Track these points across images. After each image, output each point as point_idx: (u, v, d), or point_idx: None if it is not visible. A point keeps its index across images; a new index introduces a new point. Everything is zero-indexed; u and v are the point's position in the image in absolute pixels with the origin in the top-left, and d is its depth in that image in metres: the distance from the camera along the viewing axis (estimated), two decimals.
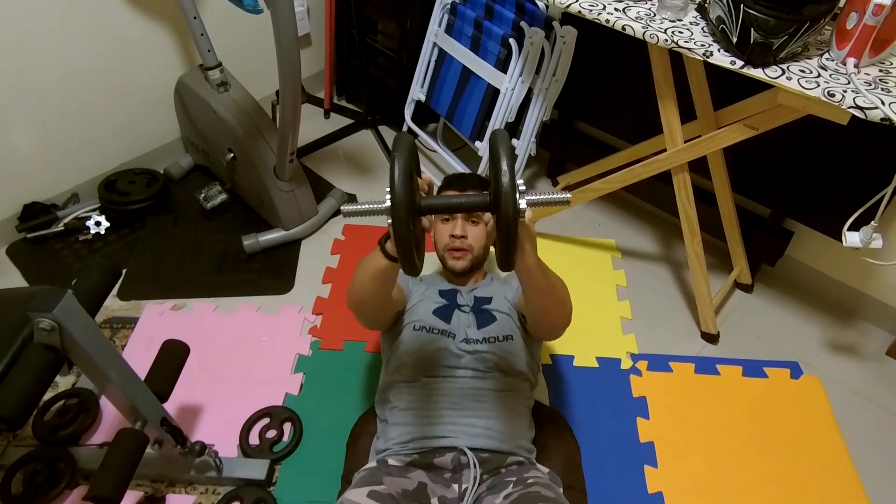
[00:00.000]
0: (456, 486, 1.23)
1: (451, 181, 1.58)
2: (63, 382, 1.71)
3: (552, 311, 1.19)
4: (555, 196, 0.92)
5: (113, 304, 1.95)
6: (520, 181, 0.86)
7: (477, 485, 1.20)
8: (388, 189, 0.86)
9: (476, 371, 1.33)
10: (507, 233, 0.87)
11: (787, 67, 1.33)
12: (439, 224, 1.50)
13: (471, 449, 1.24)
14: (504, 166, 0.85)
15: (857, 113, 1.22)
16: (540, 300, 1.15)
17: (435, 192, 1.40)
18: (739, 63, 1.35)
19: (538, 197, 0.91)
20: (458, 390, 1.31)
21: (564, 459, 1.51)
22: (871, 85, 1.27)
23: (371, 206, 0.93)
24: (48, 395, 1.65)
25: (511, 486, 1.17)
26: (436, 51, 2.32)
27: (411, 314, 1.40)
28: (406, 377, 1.36)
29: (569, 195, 0.93)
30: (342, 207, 0.95)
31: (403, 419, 1.32)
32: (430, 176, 0.98)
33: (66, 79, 2.05)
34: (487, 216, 0.97)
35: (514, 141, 2.19)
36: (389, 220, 0.88)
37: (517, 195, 0.85)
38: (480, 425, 1.28)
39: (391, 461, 1.26)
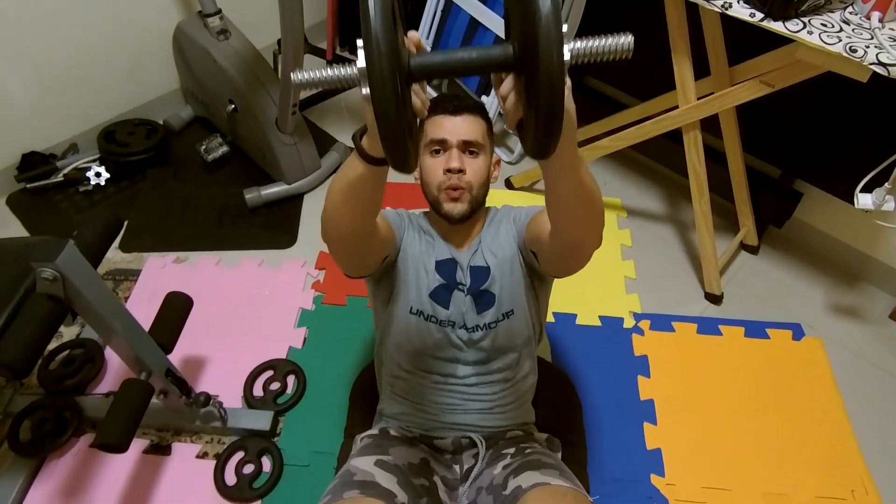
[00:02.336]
0: (457, 468, 1.21)
1: (441, 104, 1.15)
2: (68, 333, 1.72)
3: (585, 226, 0.90)
4: (612, 41, 0.63)
5: (115, 256, 1.95)
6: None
7: (483, 465, 1.18)
8: (361, 43, 0.60)
9: (476, 364, 1.21)
10: (552, 96, 0.56)
11: (809, 21, 1.29)
12: (428, 158, 1.16)
13: (472, 431, 1.22)
14: None
15: (879, 69, 1.18)
16: (573, 212, 0.87)
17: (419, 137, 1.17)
18: (759, 15, 1.31)
19: (588, 44, 0.62)
20: (457, 389, 1.22)
21: (565, 415, 1.53)
22: (895, 41, 1.23)
23: (336, 71, 0.66)
24: (53, 345, 1.66)
25: (509, 457, 1.15)
26: (442, 1, 2.25)
27: (406, 290, 1.18)
28: (401, 366, 1.24)
29: (630, 37, 0.64)
30: (292, 75, 0.68)
31: (401, 404, 1.27)
32: (418, 35, 0.71)
33: (62, 25, 1.99)
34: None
35: None
36: (365, 90, 0.62)
37: (562, 40, 0.55)
38: (480, 419, 1.23)
39: (393, 432, 1.24)
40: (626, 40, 0.62)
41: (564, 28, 0.56)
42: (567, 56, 0.57)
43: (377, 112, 0.61)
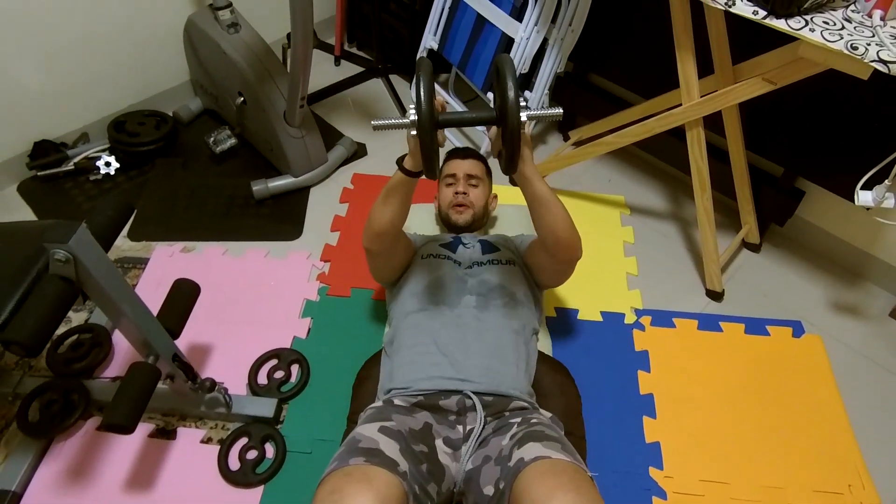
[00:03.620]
0: (461, 427, 1.26)
1: (455, 153, 1.74)
2: (76, 318, 1.75)
3: (559, 229, 1.26)
4: (549, 112, 1.11)
5: (123, 245, 1.97)
6: (521, 99, 1.04)
7: (482, 426, 1.23)
8: (413, 105, 1.04)
9: (480, 297, 1.40)
10: (512, 140, 1.06)
11: (811, 19, 1.30)
12: (443, 187, 1.69)
13: (475, 393, 1.27)
14: (510, 84, 1.03)
15: (880, 67, 1.20)
16: (544, 214, 1.25)
17: (440, 165, 1.66)
18: (762, 13, 1.32)
19: (536, 112, 1.11)
20: (462, 323, 1.35)
21: (565, 407, 1.54)
22: None
23: (398, 120, 1.09)
24: (62, 330, 1.68)
25: (515, 426, 1.20)
26: None
27: (419, 252, 1.52)
28: (413, 307, 1.41)
29: (560, 110, 1.11)
30: (372, 122, 1.11)
31: (409, 358, 1.35)
32: (443, 99, 1.20)
33: (75, 15, 2.02)
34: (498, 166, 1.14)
35: (526, 93, 2.16)
36: (414, 132, 1.06)
37: (520, 109, 1.03)
38: (483, 366, 1.30)
39: (397, 401, 1.29)
40: (557, 111, 1.11)
41: (522, 99, 1.05)
42: (524, 118, 1.05)
43: (422, 144, 1.07)
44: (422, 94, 1.03)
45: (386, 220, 1.30)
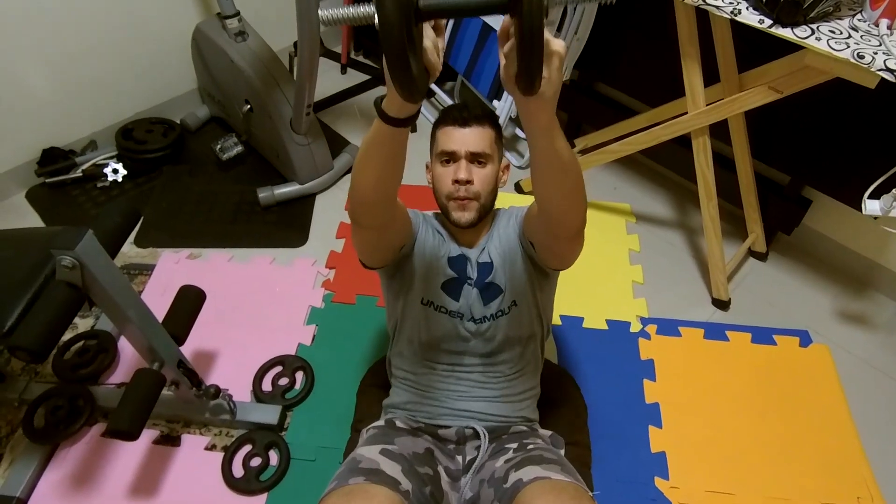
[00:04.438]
0: (459, 458, 1.23)
1: (450, 114, 1.22)
2: (82, 324, 1.76)
3: (564, 200, 0.95)
4: None
5: (130, 251, 1.98)
6: None
7: (486, 457, 1.20)
8: None
9: (483, 357, 1.26)
10: (530, 33, 0.66)
11: (817, 28, 1.30)
12: (439, 167, 1.22)
13: (477, 420, 1.25)
14: None
15: (887, 76, 1.19)
16: (558, 179, 0.91)
17: (432, 126, 1.27)
18: (768, 22, 1.32)
19: None
20: (464, 377, 1.27)
21: (570, 416, 1.54)
22: None
23: (356, 9, 0.74)
24: (68, 336, 1.69)
25: (511, 451, 1.17)
26: None
27: (419, 282, 1.24)
28: (411, 353, 1.30)
29: None
30: (319, 12, 0.77)
31: (409, 392, 1.30)
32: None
33: (83, 24, 2.04)
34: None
35: None
36: (376, 20, 0.66)
37: None
38: (485, 407, 1.26)
39: (399, 423, 1.26)
40: None
41: None
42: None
43: (383, 40, 0.65)
44: None
45: (368, 183, 0.96)
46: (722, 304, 1.90)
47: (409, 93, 0.72)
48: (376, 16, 0.65)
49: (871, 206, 1.46)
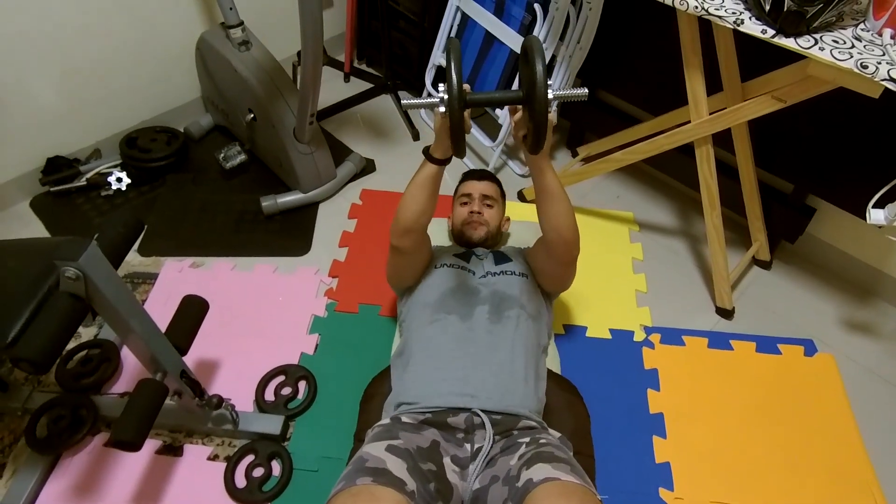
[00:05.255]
0: (468, 446, 1.25)
1: (470, 174, 1.78)
2: (86, 333, 1.76)
3: (563, 224, 1.31)
4: (574, 91, 1.11)
5: (133, 260, 1.99)
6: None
7: (490, 445, 1.22)
8: (445, 86, 1.07)
9: (492, 307, 1.41)
10: (539, 119, 1.07)
11: (820, 37, 1.30)
12: (458, 206, 1.71)
13: (483, 411, 1.26)
14: (538, 62, 1.03)
15: (891, 85, 1.19)
16: (552, 205, 1.29)
17: (454, 188, 1.80)
18: (771, 32, 1.32)
19: (561, 92, 1.10)
20: (474, 337, 1.36)
21: (574, 426, 1.53)
22: None
23: (428, 100, 1.12)
24: (71, 345, 1.69)
25: (524, 446, 1.19)
26: (458, 15, 2.29)
27: (433, 262, 1.54)
28: (425, 319, 1.43)
29: (585, 90, 1.10)
30: (403, 101, 1.14)
31: (418, 372, 1.35)
32: (467, 85, 1.17)
33: (88, 33, 2.05)
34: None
35: None
36: (443, 109, 1.09)
37: (548, 88, 1.04)
38: (493, 380, 1.30)
39: (405, 419, 1.28)
40: (583, 91, 1.11)
41: (551, 81, 1.09)
42: (551, 96, 1.06)
43: (452, 121, 1.08)
44: (453, 71, 1.05)
45: (414, 213, 1.31)
46: (726, 313, 1.89)
47: (461, 150, 1.14)
48: (445, 105, 1.08)
49: (876, 216, 1.46)
